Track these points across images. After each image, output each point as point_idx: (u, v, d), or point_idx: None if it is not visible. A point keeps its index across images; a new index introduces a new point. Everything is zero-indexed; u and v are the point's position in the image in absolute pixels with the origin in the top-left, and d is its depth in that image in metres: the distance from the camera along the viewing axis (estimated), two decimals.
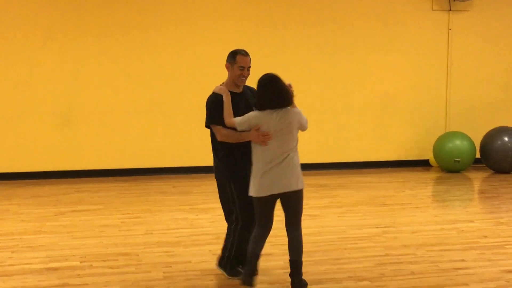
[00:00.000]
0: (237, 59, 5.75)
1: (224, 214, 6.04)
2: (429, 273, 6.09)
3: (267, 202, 5.59)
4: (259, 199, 5.57)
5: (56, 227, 7.84)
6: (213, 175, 10.39)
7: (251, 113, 5.65)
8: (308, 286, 5.64)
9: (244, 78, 5.78)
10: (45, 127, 10.92)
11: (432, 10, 12.04)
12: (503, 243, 7.09)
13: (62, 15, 10.79)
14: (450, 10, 12.06)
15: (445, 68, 12.18)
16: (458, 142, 11.48)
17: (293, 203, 5.61)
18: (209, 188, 10.11)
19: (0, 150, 10.81)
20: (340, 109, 11.90)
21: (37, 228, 7.79)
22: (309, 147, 11.73)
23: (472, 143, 11.56)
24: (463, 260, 6.48)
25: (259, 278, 5.95)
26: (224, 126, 5.67)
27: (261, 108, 5.59)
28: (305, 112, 6.50)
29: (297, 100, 5.98)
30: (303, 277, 5.61)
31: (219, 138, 5.72)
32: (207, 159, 11.09)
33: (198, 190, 10.01)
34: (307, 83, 11.40)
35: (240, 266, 5.93)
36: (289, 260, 5.62)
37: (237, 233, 5.88)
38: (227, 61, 5.82)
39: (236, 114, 5.68)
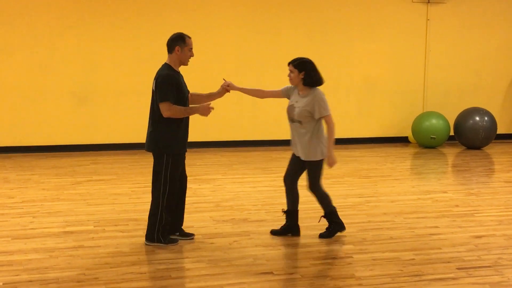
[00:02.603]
0: (187, 42, 5.70)
1: (156, 190, 5.80)
2: (406, 238, 6.08)
3: None
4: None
5: (73, 195, 7.82)
6: (214, 149, 10.33)
7: (322, 96, 5.98)
8: (299, 249, 5.70)
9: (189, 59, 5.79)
10: (64, 105, 10.87)
11: (413, 2, 11.95)
12: (473, 212, 7.08)
13: (79, 5, 10.70)
14: (429, 2, 11.97)
15: (423, 54, 12.11)
16: (434, 121, 11.45)
17: None
18: (210, 161, 10.11)
19: (24, 126, 10.77)
20: (328, 91, 11.62)
21: (56, 196, 7.77)
22: None
23: (446, 122, 11.54)
24: (436, 227, 6.46)
25: (254, 241, 5.95)
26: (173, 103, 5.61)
27: (320, 84, 6.09)
28: None
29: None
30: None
31: (167, 114, 5.58)
32: (210, 134, 11.13)
33: (201, 162, 9.98)
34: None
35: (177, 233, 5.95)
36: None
37: (165, 203, 5.73)
38: (176, 44, 5.68)
39: (182, 90, 5.70)
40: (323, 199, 6.08)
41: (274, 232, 6.16)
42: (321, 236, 6.04)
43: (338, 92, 11.85)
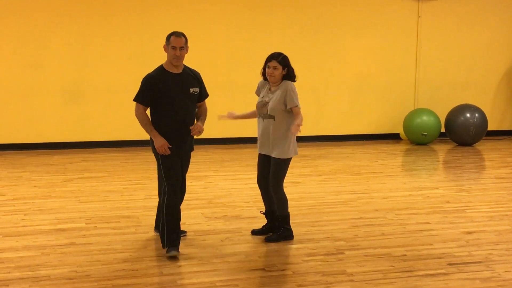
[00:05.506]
0: (170, 40, 5.57)
1: (158, 186, 5.80)
2: (398, 234, 6.11)
3: None
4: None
5: (64, 192, 7.80)
6: (205, 146, 10.33)
7: (293, 87, 5.95)
8: (290, 245, 5.72)
9: (177, 58, 5.55)
10: (55, 102, 10.84)
11: None
12: (464, 208, 7.11)
13: (70, 2, 10.66)
14: None
15: (414, 51, 12.14)
16: (425, 117, 11.48)
17: None
18: (202, 158, 10.11)
19: (15, 124, 10.74)
20: (320, 88, 11.86)
21: (47, 193, 7.75)
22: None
23: (437, 119, 11.57)
24: (427, 223, 6.50)
25: (246, 238, 5.96)
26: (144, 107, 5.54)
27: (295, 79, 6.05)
28: None
29: None
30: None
31: (135, 113, 5.55)
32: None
33: (192, 159, 9.82)
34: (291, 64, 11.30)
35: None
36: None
37: (165, 200, 5.56)
38: (165, 44, 5.61)
39: (167, 94, 5.49)
40: (282, 201, 5.85)
41: (255, 232, 6.06)
42: (268, 239, 5.86)
43: (330, 89, 11.87)
